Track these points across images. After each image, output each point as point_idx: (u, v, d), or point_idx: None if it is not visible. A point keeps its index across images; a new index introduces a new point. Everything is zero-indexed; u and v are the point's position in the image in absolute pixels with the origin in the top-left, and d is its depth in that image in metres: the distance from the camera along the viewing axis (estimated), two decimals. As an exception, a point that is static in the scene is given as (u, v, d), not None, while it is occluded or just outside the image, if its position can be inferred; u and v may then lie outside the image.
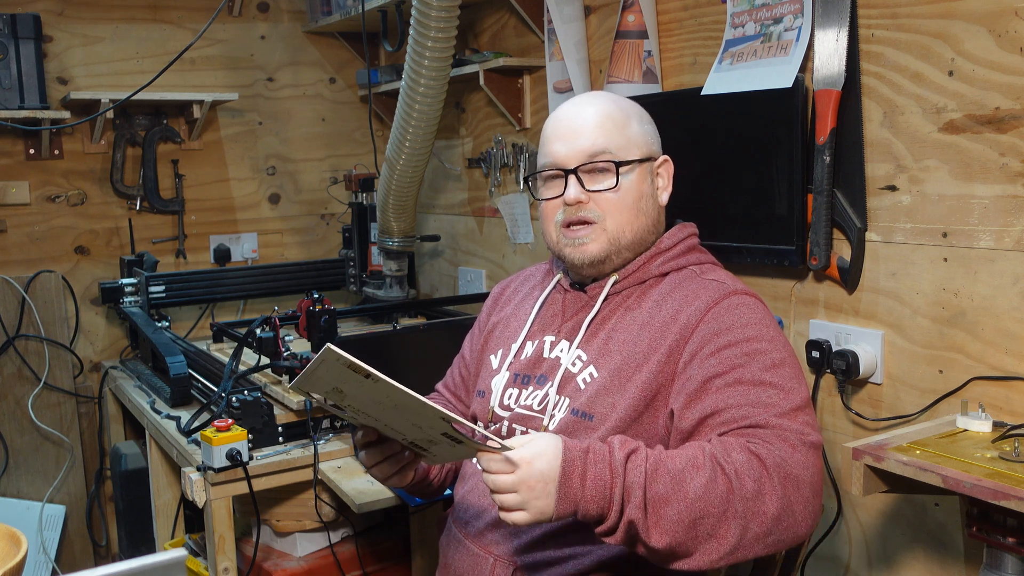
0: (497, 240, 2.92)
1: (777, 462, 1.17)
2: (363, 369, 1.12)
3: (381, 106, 3.31)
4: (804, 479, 1.18)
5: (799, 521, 1.17)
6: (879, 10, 1.65)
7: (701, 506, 1.13)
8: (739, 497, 1.14)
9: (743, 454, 1.17)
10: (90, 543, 3.06)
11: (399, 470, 1.40)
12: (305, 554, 2.31)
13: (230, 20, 3.25)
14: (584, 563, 1.32)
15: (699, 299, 1.35)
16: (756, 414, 1.22)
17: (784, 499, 1.16)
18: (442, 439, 1.20)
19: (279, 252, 3.41)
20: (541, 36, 2.51)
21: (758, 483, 1.15)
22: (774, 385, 1.25)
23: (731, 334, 1.30)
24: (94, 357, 3.11)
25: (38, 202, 3.00)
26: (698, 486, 1.13)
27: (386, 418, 1.23)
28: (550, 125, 1.46)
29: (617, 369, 1.35)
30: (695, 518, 1.13)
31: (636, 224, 1.42)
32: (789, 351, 1.32)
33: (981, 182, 1.52)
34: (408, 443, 1.30)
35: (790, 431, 1.21)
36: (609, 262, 1.43)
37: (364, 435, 1.35)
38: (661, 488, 1.14)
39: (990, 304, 1.52)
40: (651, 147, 1.47)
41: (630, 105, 1.48)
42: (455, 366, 1.74)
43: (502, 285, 1.72)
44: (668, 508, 1.13)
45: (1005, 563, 1.35)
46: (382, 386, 1.13)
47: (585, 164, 1.40)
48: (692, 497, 1.13)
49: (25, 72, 2.78)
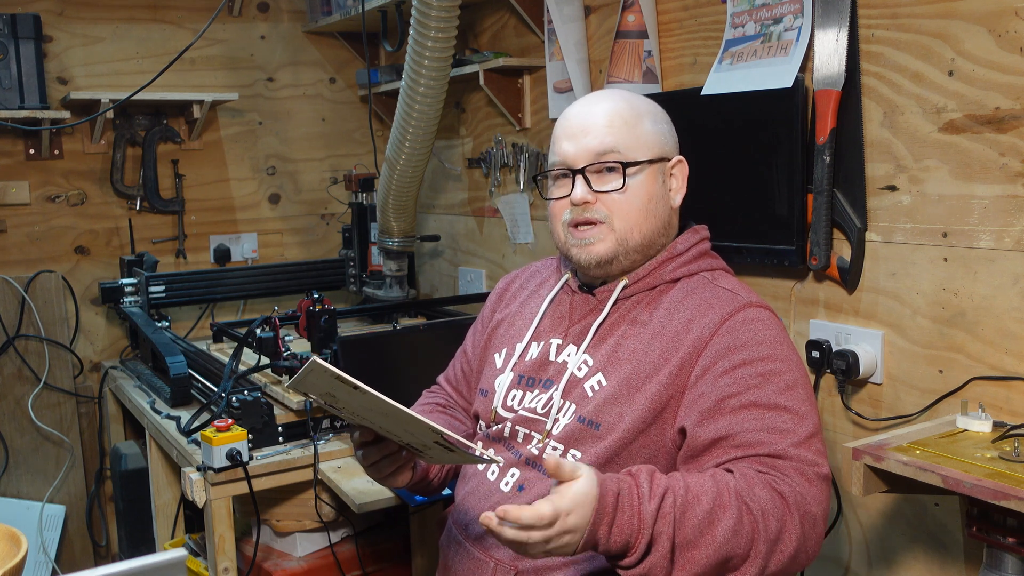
0: (497, 240, 2.92)
1: (798, 500, 1.18)
2: (350, 382, 1.12)
3: (381, 106, 3.31)
4: (819, 516, 1.21)
5: (810, 555, 1.20)
6: (879, 10, 1.65)
7: (728, 548, 1.14)
8: (763, 539, 1.15)
9: (766, 491, 1.17)
10: (90, 543, 3.06)
11: (396, 469, 1.40)
12: (305, 554, 2.31)
13: (230, 20, 3.25)
14: (586, 568, 1.32)
15: (712, 311, 1.33)
16: (773, 441, 1.22)
17: (802, 538, 1.18)
18: (435, 445, 1.21)
19: (279, 252, 3.41)
20: (541, 36, 2.51)
21: (780, 522, 1.16)
22: (788, 410, 1.25)
23: (746, 352, 1.29)
24: (94, 357, 3.11)
25: (38, 202, 3.00)
26: (726, 529, 1.13)
27: (380, 422, 1.23)
28: (560, 123, 1.44)
29: (627, 379, 1.34)
30: (722, 559, 1.14)
31: (645, 226, 1.39)
32: (802, 370, 1.31)
33: (981, 182, 1.52)
34: (404, 444, 1.30)
35: (807, 463, 1.22)
36: (617, 263, 1.40)
37: (361, 435, 1.35)
38: (689, 533, 1.13)
39: (990, 304, 1.52)
40: (664, 147, 1.43)
41: (644, 103, 1.45)
42: (457, 360, 1.73)
43: (507, 279, 1.69)
44: (696, 552, 1.13)
45: (1005, 563, 1.35)
46: (370, 398, 1.14)
47: (592, 164, 1.38)
48: (720, 541, 1.13)
49: (25, 72, 2.78)
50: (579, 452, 1.34)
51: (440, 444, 1.19)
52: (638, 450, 1.31)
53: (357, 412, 1.23)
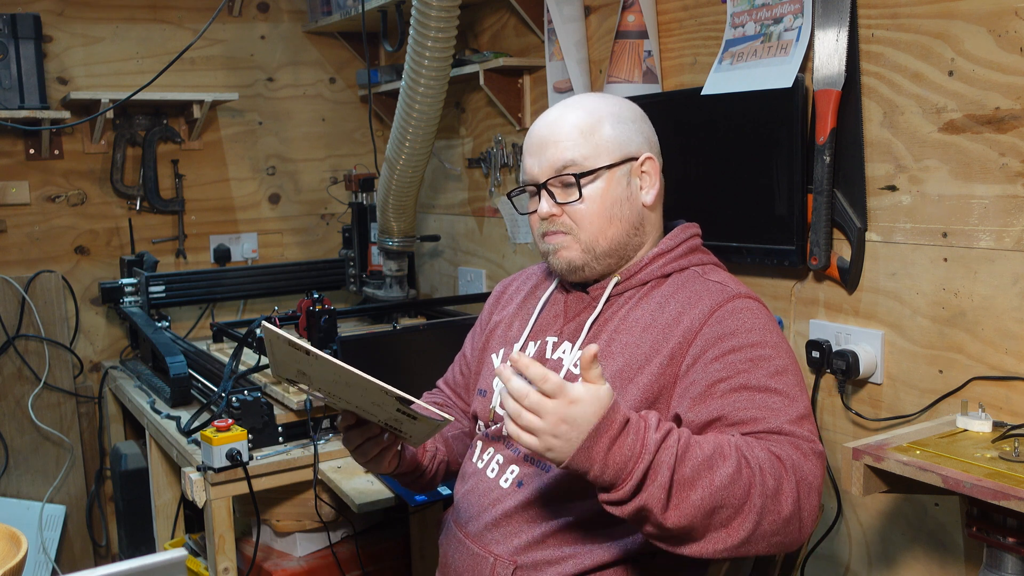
0: (497, 240, 2.92)
1: (795, 465, 1.18)
2: (302, 347, 1.14)
3: (381, 106, 3.31)
4: (815, 486, 1.20)
5: (805, 525, 1.19)
6: (879, 10, 1.65)
7: (724, 495, 1.13)
8: (759, 492, 1.14)
9: (765, 452, 1.18)
10: (90, 543, 3.06)
11: (380, 452, 1.42)
12: (305, 554, 2.31)
13: (230, 20, 3.25)
14: (584, 563, 1.32)
15: (702, 302, 1.35)
16: (767, 418, 1.23)
17: (797, 502, 1.17)
18: (400, 416, 1.22)
19: (279, 252, 3.41)
20: (541, 36, 2.51)
21: (778, 481, 1.16)
22: (779, 392, 1.25)
23: (735, 339, 1.30)
24: (94, 357, 3.11)
25: (38, 202, 3.00)
26: (724, 475, 1.13)
27: (349, 397, 1.25)
28: (525, 140, 1.47)
29: (619, 371, 1.35)
30: (716, 506, 1.13)
31: (610, 231, 1.41)
32: (791, 358, 1.32)
33: (981, 182, 1.52)
34: (383, 424, 1.31)
35: (802, 439, 1.22)
36: (589, 268, 1.43)
37: (343, 419, 1.38)
38: (688, 472, 1.12)
39: (990, 304, 1.52)
40: (626, 148, 1.42)
41: (607, 105, 1.45)
42: (456, 363, 1.74)
43: (504, 284, 1.72)
44: (693, 492, 1.12)
45: (1005, 563, 1.35)
46: (327, 364, 1.15)
47: (552, 178, 1.41)
48: (717, 486, 1.12)
49: (25, 72, 2.78)
50: None
51: (404, 413, 1.20)
52: None
53: (327, 388, 1.25)
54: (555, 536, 1.34)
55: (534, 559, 1.34)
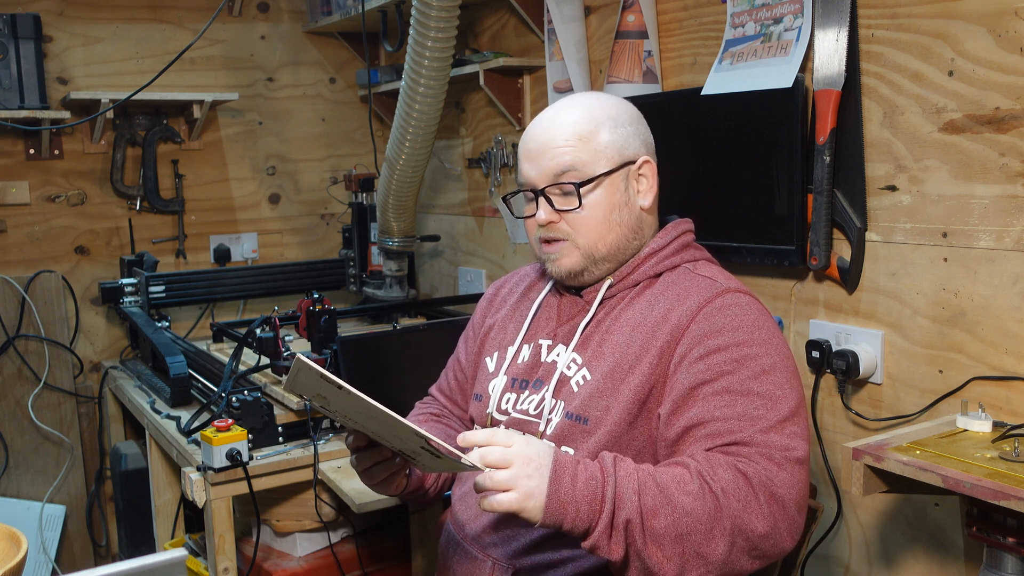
0: (497, 240, 2.92)
1: (763, 481, 1.18)
2: (334, 382, 1.12)
3: (381, 106, 3.31)
4: (789, 499, 1.20)
5: (784, 538, 1.20)
6: (879, 10, 1.65)
7: (689, 521, 1.14)
8: (727, 515, 1.15)
9: (729, 472, 1.18)
10: (90, 543, 3.06)
11: (389, 476, 1.40)
12: (305, 554, 2.31)
13: (230, 20, 3.25)
14: (582, 566, 1.32)
15: (690, 298, 1.34)
16: (741, 429, 1.22)
17: (771, 518, 1.18)
18: (423, 451, 1.21)
19: (279, 252, 3.41)
20: (541, 36, 2.51)
21: (743, 502, 1.16)
22: (762, 395, 1.25)
23: (721, 337, 1.29)
24: (94, 357, 3.11)
25: (38, 202, 3.00)
26: (686, 501, 1.15)
27: (370, 425, 1.23)
28: (522, 143, 1.45)
29: (610, 371, 1.34)
30: (683, 532, 1.14)
31: (610, 237, 1.40)
32: (781, 354, 1.31)
33: (981, 182, 1.52)
34: (397, 450, 1.30)
35: (775, 448, 1.21)
36: (588, 273, 1.43)
37: (355, 440, 1.35)
38: (650, 500, 1.15)
39: (990, 304, 1.52)
40: (624, 153, 1.41)
41: (605, 108, 1.43)
42: (449, 369, 1.72)
43: (496, 286, 1.70)
44: (657, 520, 1.14)
45: (1005, 563, 1.35)
46: (355, 399, 1.14)
47: (551, 185, 1.40)
48: (680, 511, 1.14)
49: (25, 72, 2.78)
50: (571, 449, 1.34)
51: (427, 450, 1.19)
52: (628, 443, 1.31)
53: (348, 415, 1.23)
54: (553, 539, 1.34)
55: (532, 562, 1.34)
